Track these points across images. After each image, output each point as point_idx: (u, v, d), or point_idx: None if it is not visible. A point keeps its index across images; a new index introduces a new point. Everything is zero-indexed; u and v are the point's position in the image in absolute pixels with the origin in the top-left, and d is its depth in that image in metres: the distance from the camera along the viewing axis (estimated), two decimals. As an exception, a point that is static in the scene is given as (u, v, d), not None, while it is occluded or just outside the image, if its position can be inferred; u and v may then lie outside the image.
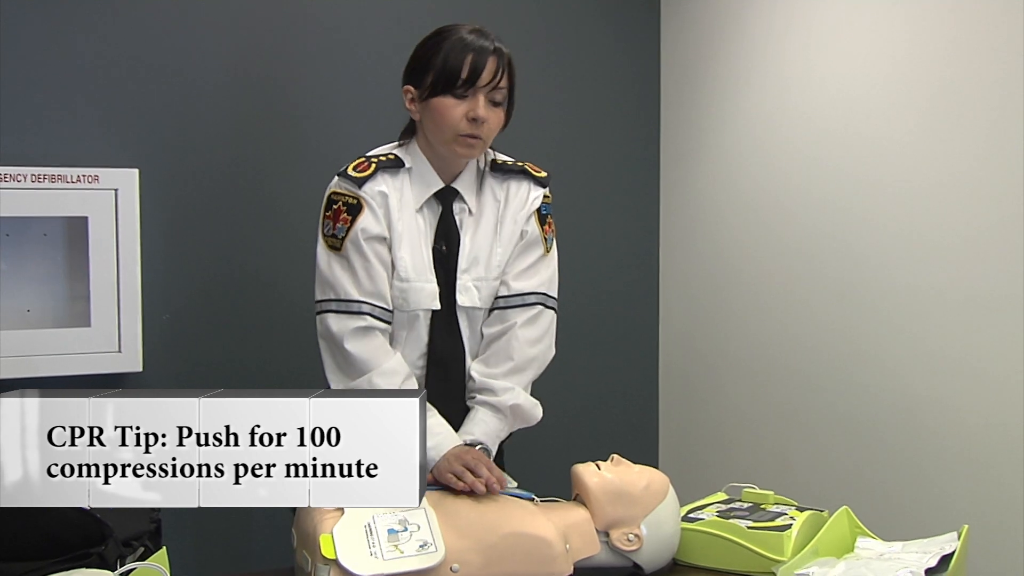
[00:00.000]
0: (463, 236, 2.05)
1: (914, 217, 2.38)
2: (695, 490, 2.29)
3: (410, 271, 2.00)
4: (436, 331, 2.03)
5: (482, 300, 2.06)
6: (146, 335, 2.68)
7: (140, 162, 2.70)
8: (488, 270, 2.07)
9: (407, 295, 2.00)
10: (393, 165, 2.01)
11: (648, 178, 3.34)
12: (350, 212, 1.97)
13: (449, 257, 2.04)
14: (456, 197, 2.05)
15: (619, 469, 1.88)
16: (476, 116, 1.94)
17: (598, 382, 3.30)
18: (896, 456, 2.42)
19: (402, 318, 2.02)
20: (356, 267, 1.97)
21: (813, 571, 1.74)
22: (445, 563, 1.62)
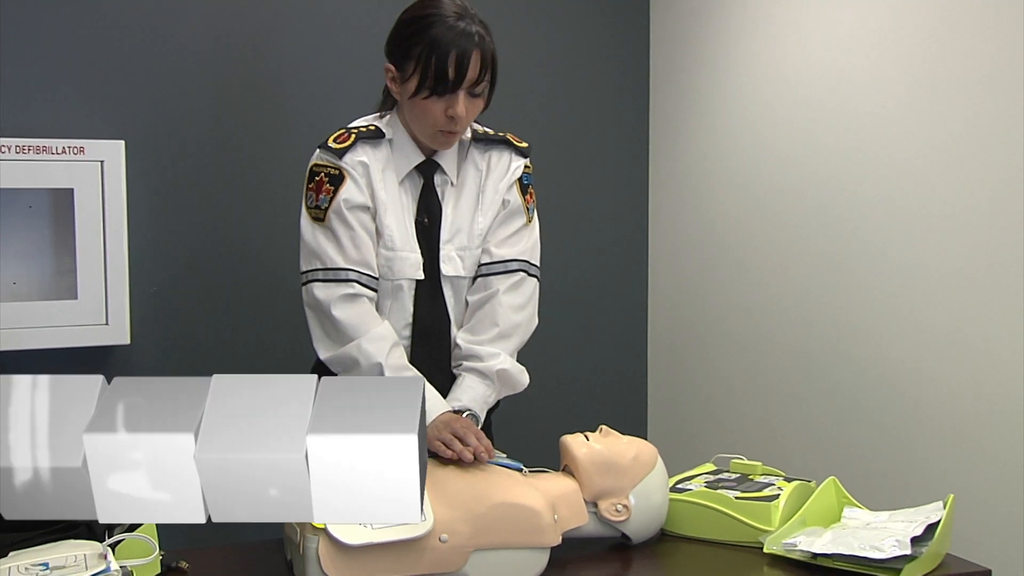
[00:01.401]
0: (445, 208, 2.06)
1: (902, 191, 2.38)
2: (683, 461, 2.30)
3: (396, 240, 2.00)
4: (420, 301, 2.04)
5: (466, 269, 2.07)
6: (133, 308, 2.68)
7: (126, 134, 2.69)
8: (471, 239, 2.07)
9: (392, 264, 2.01)
10: (373, 136, 2.01)
11: (637, 151, 3.34)
12: (332, 183, 1.97)
13: (431, 229, 2.04)
14: (437, 170, 2.06)
15: (607, 440, 1.88)
16: (455, 115, 1.94)
17: (587, 354, 3.31)
18: (883, 427, 2.44)
19: (386, 287, 2.02)
20: (341, 236, 1.97)
21: (800, 541, 1.76)
22: (433, 533, 1.62)
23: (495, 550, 1.66)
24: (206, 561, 1.79)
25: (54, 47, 2.65)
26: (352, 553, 1.58)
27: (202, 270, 2.83)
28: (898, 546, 1.66)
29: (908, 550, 1.66)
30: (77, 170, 2.57)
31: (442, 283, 2.06)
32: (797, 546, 1.74)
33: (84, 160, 2.58)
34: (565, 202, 3.25)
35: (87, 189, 2.58)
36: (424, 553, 1.61)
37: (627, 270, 3.35)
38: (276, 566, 1.79)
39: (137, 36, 2.73)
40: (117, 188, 2.61)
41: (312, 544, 1.58)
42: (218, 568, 1.77)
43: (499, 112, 3.10)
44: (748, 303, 2.92)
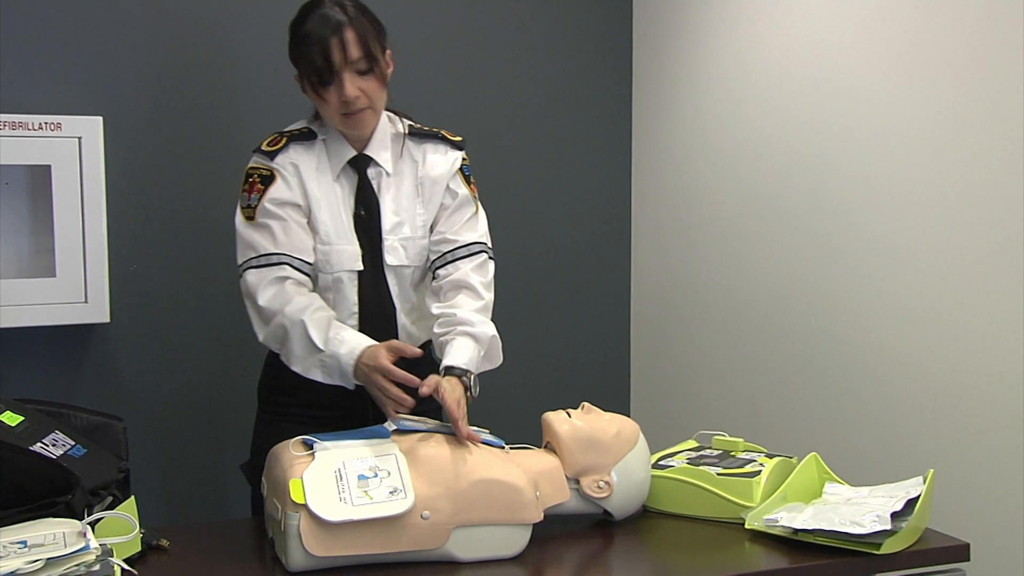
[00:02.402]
0: (382, 200, 2.11)
1: (888, 170, 2.37)
2: (665, 438, 2.30)
3: (331, 235, 2.07)
4: (364, 292, 2.09)
5: (409, 258, 2.12)
6: (113, 285, 2.66)
7: (104, 109, 2.66)
8: (413, 230, 2.12)
9: (329, 257, 2.07)
10: (305, 137, 2.09)
11: (619, 127, 3.33)
12: (263, 183, 2.05)
13: (370, 221, 2.09)
14: (370, 163, 2.11)
15: (590, 417, 1.89)
16: (346, 98, 2.00)
17: (570, 330, 3.31)
18: (864, 404, 2.45)
19: (327, 281, 2.08)
20: (272, 227, 2.04)
21: (781, 516, 1.77)
22: (415, 510, 1.62)
23: (477, 527, 1.66)
24: (187, 539, 1.79)
25: (30, 21, 2.62)
26: (334, 530, 1.59)
27: (183, 247, 2.80)
28: (878, 521, 1.68)
29: (888, 525, 1.67)
30: (54, 146, 2.54)
31: (386, 272, 2.10)
32: (778, 522, 1.75)
33: (61, 136, 2.55)
34: (547, 180, 3.24)
35: (65, 166, 2.56)
36: (406, 530, 1.62)
37: (610, 247, 3.35)
38: (258, 544, 1.79)
39: (116, 9, 2.70)
40: (95, 165, 2.58)
41: (294, 521, 1.59)
42: (199, 546, 1.77)
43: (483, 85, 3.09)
44: (731, 281, 2.92)
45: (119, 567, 1.51)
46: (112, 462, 1.93)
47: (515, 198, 3.20)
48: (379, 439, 1.76)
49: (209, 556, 1.72)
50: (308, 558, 1.59)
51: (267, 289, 2.02)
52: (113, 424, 2.07)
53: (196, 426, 2.85)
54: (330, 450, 1.70)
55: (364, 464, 1.67)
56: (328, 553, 1.59)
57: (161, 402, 2.81)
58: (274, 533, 1.70)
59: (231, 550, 1.76)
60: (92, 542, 1.52)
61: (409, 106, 2.26)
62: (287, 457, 1.70)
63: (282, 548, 1.63)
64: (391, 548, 1.62)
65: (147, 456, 2.74)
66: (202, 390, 2.86)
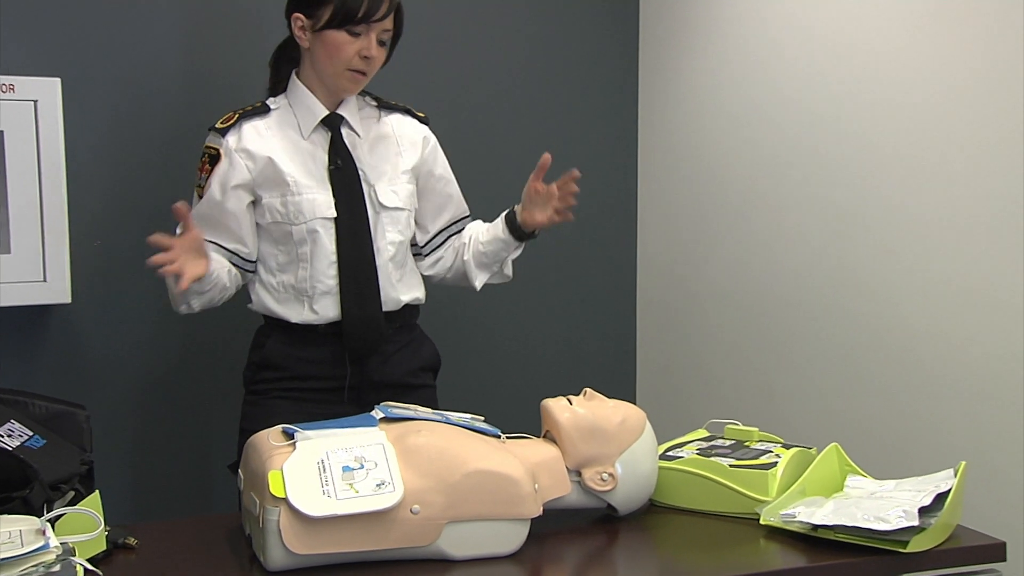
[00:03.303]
0: (358, 155, 2.37)
1: (912, 136, 2.37)
2: (674, 427, 2.31)
3: (300, 184, 2.32)
4: (342, 240, 2.32)
5: (403, 201, 2.41)
6: (74, 263, 2.65)
7: (62, 70, 2.64)
8: (397, 176, 2.41)
9: (301, 207, 2.31)
10: (258, 112, 2.36)
11: (625, 97, 3.33)
12: (211, 163, 2.33)
13: (346, 170, 2.35)
14: (343, 122, 2.37)
15: (592, 404, 1.89)
16: (368, 55, 2.28)
17: (571, 311, 3.31)
18: (890, 389, 2.45)
19: (302, 233, 2.32)
20: (208, 212, 2.31)
21: (799, 511, 1.77)
22: (404, 504, 1.63)
23: (471, 522, 1.67)
24: (157, 537, 1.79)
25: (-19, -26, 2.61)
26: (316, 526, 1.59)
27: (151, 221, 2.79)
28: (905, 517, 1.68)
29: (916, 521, 1.67)
30: (7, 111, 2.53)
31: (369, 219, 2.35)
32: (796, 517, 1.76)
33: (15, 99, 2.54)
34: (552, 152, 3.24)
35: (19, 132, 2.54)
36: (394, 525, 1.62)
37: (615, 222, 3.35)
38: (234, 541, 1.79)
39: (74, -38, 2.69)
40: (53, 130, 2.57)
41: (273, 516, 1.59)
42: (170, 544, 1.77)
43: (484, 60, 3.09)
44: (745, 257, 2.92)
45: (82, 567, 1.51)
46: (74, 454, 1.93)
47: (516, 172, 3.20)
48: (365, 428, 1.76)
49: (180, 555, 1.72)
50: (288, 556, 1.60)
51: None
52: (75, 412, 2.07)
53: (169, 415, 2.86)
54: (312, 440, 1.70)
55: (349, 455, 1.67)
56: (310, 551, 1.59)
57: (128, 389, 2.81)
58: (252, 530, 1.70)
59: (205, 549, 1.76)
60: (52, 540, 1.52)
61: (405, 71, 2.47)
62: (266, 447, 1.71)
63: (260, 546, 1.63)
64: (378, 545, 1.62)
65: (113, 447, 2.74)
66: (175, 376, 2.86)
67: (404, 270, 2.44)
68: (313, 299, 2.33)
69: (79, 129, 2.67)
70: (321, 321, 2.33)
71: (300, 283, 2.33)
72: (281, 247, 2.34)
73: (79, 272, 2.68)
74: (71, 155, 2.63)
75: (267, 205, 2.32)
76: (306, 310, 2.33)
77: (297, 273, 2.33)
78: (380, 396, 2.14)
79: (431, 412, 1.88)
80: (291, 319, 2.34)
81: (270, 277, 2.36)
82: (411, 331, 2.47)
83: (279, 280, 2.35)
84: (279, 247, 2.35)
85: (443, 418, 1.83)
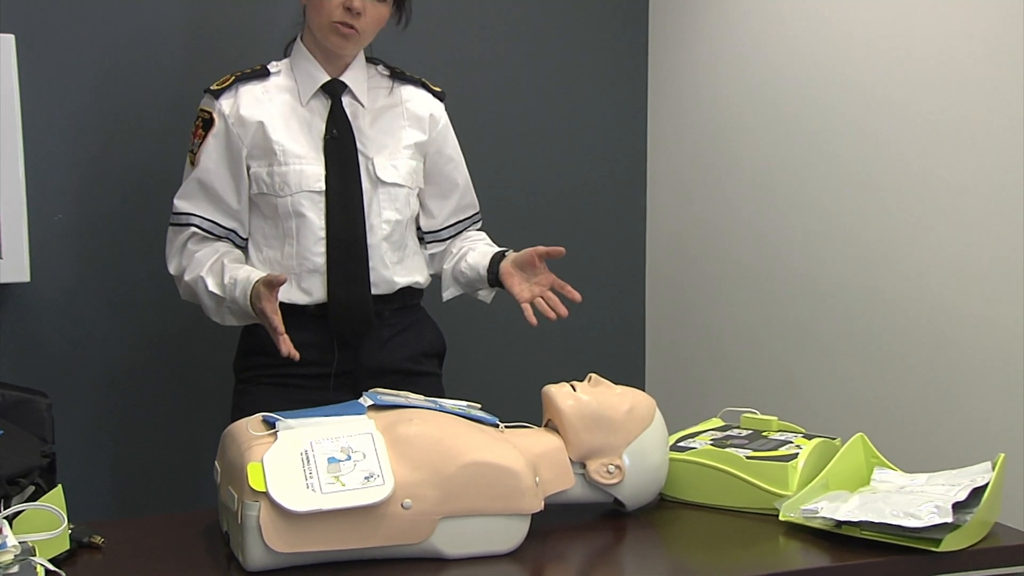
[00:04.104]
0: (358, 125, 2.38)
1: (948, 99, 2.37)
2: (686, 415, 2.31)
3: (288, 155, 2.32)
4: (332, 214, 2.33)
5: (403, 178, 2.40)
6: (33, 239, 2.65)
7: (15, 27, 2.63)
8: (399, 151, 2.41)
9: (287, 178, 2.32)
10: (256, 76, 2.37)
11: (635, 50, 3.32)
12: (205, 127, 2.34)
13: (343, 141, 2.35)
14: (345, 90, 2.38)
15: (598, 390, 1.89)
16: (351, 6, 2.25)
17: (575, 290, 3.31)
18: (921, 375, 2.45)
19: (286, 206, 2.32)
20: (197, 181, 2.34)
21: (822, 507, 1.77)
22: (394, 498, 1.63)
23: (467, 518, 1.67)
24: (126, 535, 1.79)
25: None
26: (299, 522, 1.59)
27: (115, 193, 2.79)
28: (938, 513, 1.68)
29: (950, 517, 1.67)
30: (-42, 71, 2.53)
31: (364, 194, 2.35)
32: (818, 513, 1.76)
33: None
34: (555, 120, 3.24)
35: (-28, 94, 2.54)
36: (384, 521, 1.62)
37: (622, 193, 3.35)
38: (209, 539, 1.80)
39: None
40: (8, 94, 2.56)
41: (252, 512, 1.59)
42: (140, 543, 1.77)
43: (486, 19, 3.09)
44: (763, 231, 2.92)
45: (43, 568, 1.51)
46: (34, 445, 1.93)
47: (516, 138, 3.20)
48: (352, 416, 1.77)
49: (151, 555, 1.72)
50: (269, 555, 1.60)
51: (174, 257, 2.37)
52: (35, 400, 2.08)
53: (145, 404, 2.86)
54: (295, 429, 1.70)
55: (335, 445, 1.67)
56: (292, 549, 1.60)
57: (97, 375, 2.81)
58: (229, 527, 1.71)
59: (178, 548, 1.76)
60: (10, 539, 1.51)
61: (415, 40, 2.50)
62: (244, 437, 1.71)
63: (238, 544, 1.63)
64: (367, 543, 1.63)
65: (80, 439, 2.74)
66: (153, 362, 2.86)
67: (403, 252, 2.43)
68: (301, 277, 2.33)
69: (35, 91, 2.66)
70: (308, 301, 2.34)
71: (287, 260, 2.33)
72: (268, 220, 2.35)
73: (39, 248, 2.67)
74: (28, 121, 2.62)
75: (255, 175, 2.33)
76: (293, 289, 2.33)
77: (283, 249, 2.34)
78: (379, 384, 2.12)
79: (424, 399, 1.88)
80: None
81: (256, 252, 2.37)
82: (412, 314, 2.48)
83: (265, 256, 2.36)
84: (266, 220, 2.35)
85: (437, 406, 1.83)
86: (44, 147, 2.69)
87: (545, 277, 2.36)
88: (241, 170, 2.33)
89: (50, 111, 2.71)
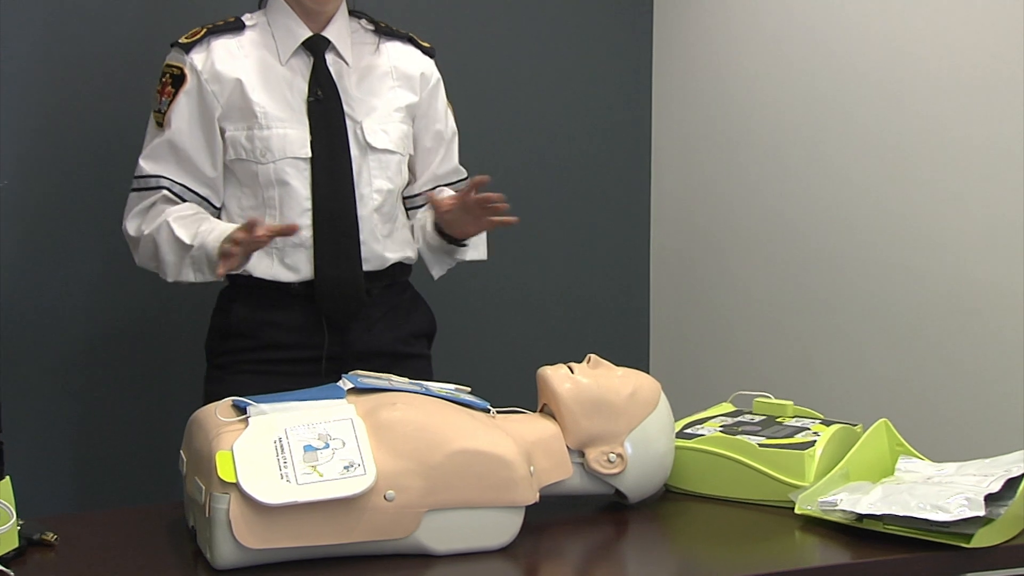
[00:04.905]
0: (344, 86, 2.37)
1: (973, 58, 2.37)
2: (694, 400, 2.31)
3: (270, 117, 2.30)
4: (319, 184, 2.32)
5: (394, 143, 2.40)
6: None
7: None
8: (389, 114, 2.41)
9: (270, 143, 2.30)
10: (230, 28, 2.34)
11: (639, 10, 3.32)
12: (174, 84, 2.32)
13: (328, 104, 2.34)
14: (328, 47, 2.37)
15: (597, 372, 1.89)
16: None
17: (573, 264, 3.31)
18: (950, 356, 2.46)
19: (268, 174, 2.31)
20: (167, 143, 2.31)
21: (842, 499, 1.77)
22: (376, 489, 1.62)
23: (455, 510, 1.67)
24: (82, 531, 1.79)
25: None
26: (273, 516, 1.59)
27: (68, 158, 2.78)
28: (968, 506, 1.68)
29: (981, 511, 1.67)
30: None
31: (352, 161, 2.34)
32: (837, 505, 1.76)
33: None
34: (551, 79, 3.25)
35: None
36: (364, 515, 1.62)
37: (623, 157, 3.34)
38: (174, 535, 1.79)
39: None
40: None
41: (221, 505, 1.58)
42: (97, 540, 1.76)
43: None
44: (777, 199, 2.92)
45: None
46: (-23, 433, 1.93)
47: (507, 99, 3.20)
48: (331, 400, 1.76)
49: (109, 553, 1.71)
50: (239, 552, 1.59)
51: (135, 218, 2.34)
52: (-21, 383, 2.06)
53: (99, 387, 2.85)
54: (268, 415, 1.70)
55: (311, 432, 1.67)
56: (265, 545, 1.59)
57: (47, 356, 2.80)
58: (196, 521, 1.70)
59: (140, 544, 1.76)
60: (-48, 535, 1.51)
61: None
62: (213, 424, 1.70)
63: (206, 540, 1.63)
64: (346, 538, 1.62)
65: (29, 426, 2.74)
66: (116, 343, 2.86)
67: (394, 224, 2.43)
68: (284, 252, 2.32)
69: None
70: (293, 279, 2.33)
71: None
72: (246, 189, 2.33)
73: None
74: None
75: (231, 139, 2.31)
76: (276, 264, 2.32)
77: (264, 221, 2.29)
78: (367, 368, 2.06)
79: (408, 382, 1.87)
80: (257, 274, 2.32)
81: (232, 224, 2.31)
82: (401, 292, 2.48)
83: None
84: (243, 189, 2.34)
85: (422, 389, 1.83)
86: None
87: (469, 204, 2.29)
88: (215, 132, 2.31)
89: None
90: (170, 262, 2.27)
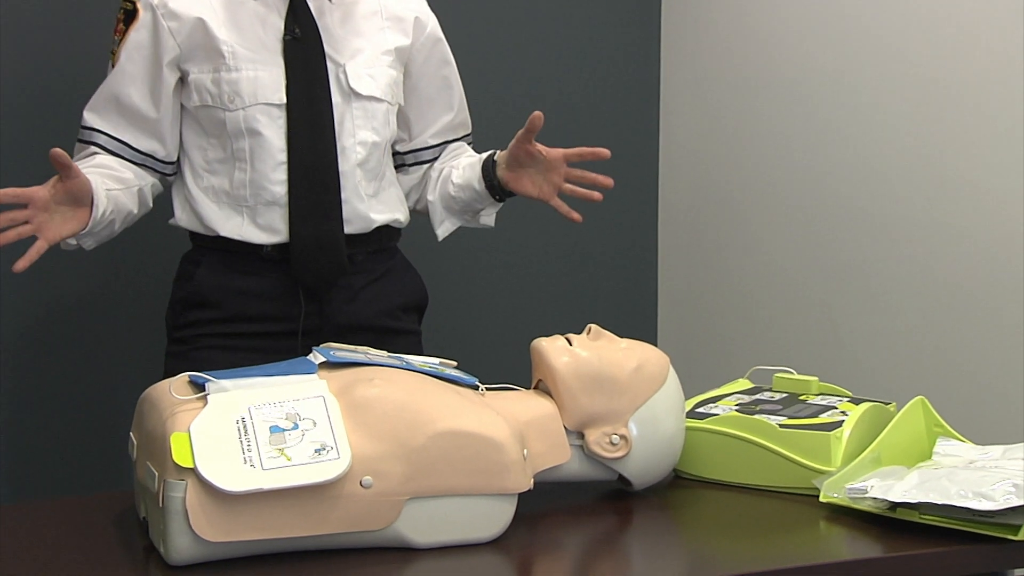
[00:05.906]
0: (324, 23, 2.34)
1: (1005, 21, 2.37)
2: (707, 375, 2.32)
3: (239, 57, 2.28)
4: (295, 134, 2.29)
5: (381, 90, 2.38)
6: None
7: None
8: (377, 57, 2.39)
9: (238, 87, 2.28)
10: None
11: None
12: (126, 21, 2.30)
13: (307, 43, 2.31)
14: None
15: (598, 344, 1.89)
16: None
17: (572, 226, 3.30)
18: (993, 327, 2.46)
19: (237, 123, 2.29)
20: (115, 87, 2.30)
21: (872, 485, 1.77)
22: (351, 475, 1.62)
23: (439, 498, 1.67)
24: (19, 523, 1.79)
25: None
26: (235, 505, 1.58)
27: (12, 108, 2.78)
28: (1015, 493, 1.68)
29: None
30: None
31: (334, 109, 2.31)
32: (868, 493, 1.76)
33: None
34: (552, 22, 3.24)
35: None
36: (339, 503, 1.62)
37: (631, 116, 3.34)
38: (124, 527, 1.79)
39: None
40: None
41: (176, 493, 1.58)
42: (37, 533, 1.76)
43: None
44: (799, 149, 2.92)
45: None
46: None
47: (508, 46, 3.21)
48: (300, 376, 1.76)
49: (51, 546, 1.71)
50: (197, 545, 1.59)
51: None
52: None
53: (39, 364, 2.86)
54: (229, 392, 1.69)
55: (279, 411, 1.67)
56: (226, 538, 1.59)
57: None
58: (148, 512, 1.70)
59: (85, 537, 1.76)
60: None
61: None
62: (167, 402, 1.70)
63: (159, 532, 1.62)
64: (318, 530, 1.62)
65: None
66: (48, 314, 2.86)
67: (381, 182, 2.42)
68: (256, 211, 2.31)
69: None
70: (266, 241, 2.31)
71: (237, 189, 2.30)
72: (212, 139, 2.31)
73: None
74: None
75: (194, 83, 2.29)
76: (246, 224, 2.31)
77: (233, 176, 2.30)
78: (349, 344, 2.04)
79: (387, 356, 1.87)
80: (223, 233, 2.31)
81: (195, 180, 2.33)
82: (389, 258, 2.47)
83: (208, 184, 2.32)
84: (209, 139, 2.32)
85: (403, 363, 1.83)
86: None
87: (555, 162, 2.35)
88: (172, 77, 2.29)
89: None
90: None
